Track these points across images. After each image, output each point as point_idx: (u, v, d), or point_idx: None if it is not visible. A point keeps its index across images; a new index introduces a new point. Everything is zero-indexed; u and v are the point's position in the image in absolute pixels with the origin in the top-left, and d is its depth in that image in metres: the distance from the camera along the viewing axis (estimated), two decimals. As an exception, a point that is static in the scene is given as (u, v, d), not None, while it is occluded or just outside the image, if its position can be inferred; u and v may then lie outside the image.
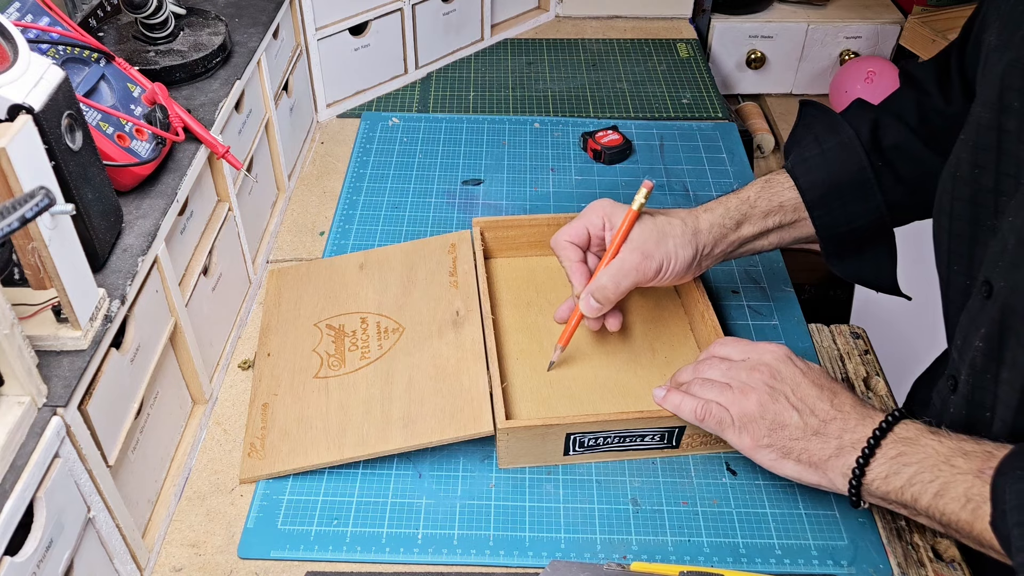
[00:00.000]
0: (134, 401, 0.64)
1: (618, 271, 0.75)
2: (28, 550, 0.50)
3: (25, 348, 0.50)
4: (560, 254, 0.79)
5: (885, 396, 0.79)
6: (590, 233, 0.78)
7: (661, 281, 0.77)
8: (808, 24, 1.49)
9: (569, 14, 1.42)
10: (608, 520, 0.70)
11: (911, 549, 0.67)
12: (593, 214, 0.78)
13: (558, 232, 0.79)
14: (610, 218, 0.77)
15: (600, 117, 1.17)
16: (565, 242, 0.78)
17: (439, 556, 0.67)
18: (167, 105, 0.72)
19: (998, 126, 0.61)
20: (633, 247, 0.75)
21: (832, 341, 0.85)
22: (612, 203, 0.78)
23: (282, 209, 1.01)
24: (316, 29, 1.07)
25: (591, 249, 0.80)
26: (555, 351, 0.79)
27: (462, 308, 0.82)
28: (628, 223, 0.75)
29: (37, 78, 0.55)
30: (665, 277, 0.76)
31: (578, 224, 0.78)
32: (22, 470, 0.49)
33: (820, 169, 0.78)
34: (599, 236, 0.78)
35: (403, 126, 1.14)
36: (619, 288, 0.75)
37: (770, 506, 0.71)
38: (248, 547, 0.67)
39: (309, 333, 0.83)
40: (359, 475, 0.73)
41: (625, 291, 0.75)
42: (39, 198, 0.42)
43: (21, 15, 0.66)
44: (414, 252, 0.90)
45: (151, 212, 0.67)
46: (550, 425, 0.70)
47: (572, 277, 0.78)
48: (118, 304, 0.60)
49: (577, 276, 0.77)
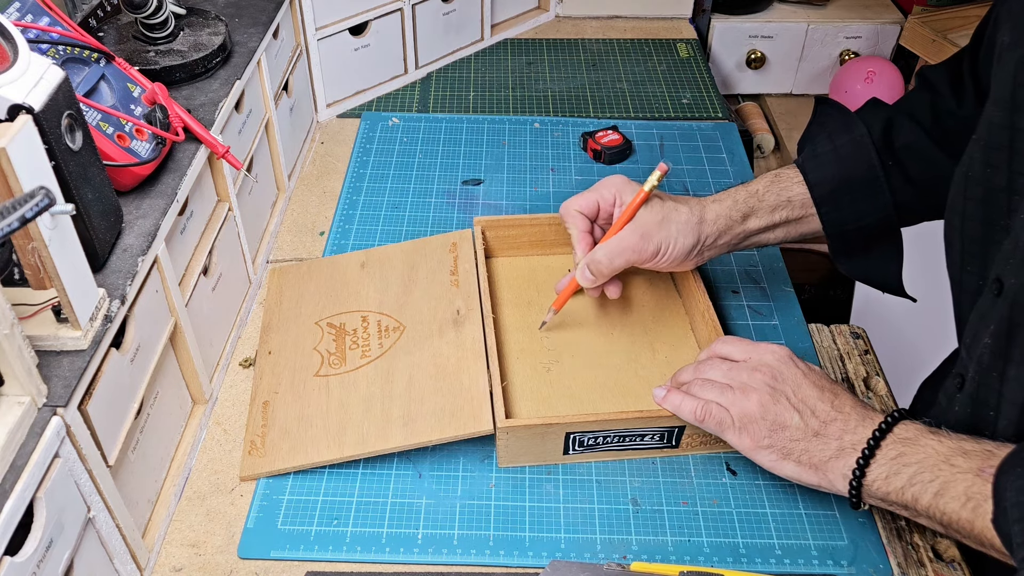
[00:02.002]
0: (134, 401, 0.64)
1: (615, 248, 0.76)
2: (28, 550, 0.50)
3: (25, 348, 0.50)
4: (568, 221, 0.81)
5: (885, 396, 0.79)
6: (600, 206, 0.80)
7: (657, 265, 0.78)
8: (808, 24, 1.49)
9: (569, 14, 1.42)
10: (608, 520, 0.70)
11: (911, 549, 0.67)
12: (606, 188, 0.79)
13: (569, 200, 0.81)
14: (621, 195, 0.78)
15: (600, 117, 1.17)
16: (575, 211, 0.80)
17: (439, 556, 0.67)
18: (167, 105, 0.72)
19: (1011, 124, 0.61)
20: (635, 227, 0.76)
21: (832, 341, 0.85)
22: (626, 180, 0.79)
23: (282, 209, 1.01)
24: (316, 29, 1.07)
25: (598, 221, 0.81)
26: (548, 313, 0.82)
27: (463, 307, 0.82)
28: (637, 203, 0.77)
29: (37, 78, 0.55)
30: (662, 261, 0.77)
31: (590, 196, 0.80)
32: (22, 470, 0.49)
33: (830, 165, 0.79)
34: (608, 211, 0.80)
35: (403, 126, 1.14)
36: (612, 264, 0.76)
37: (770, 506, 0.71)
38: (248, 547, 0.67)
39: (310, 331, 0.83)
40: (359, 475, 0.73)
41: (619, 268, 0.77)
42: (39, 198, 0.43)
43: (21, 15, 0.66)
44: (415, 251, 0.90)
45: (151, 212, 0.67)
46: (550, 424, 0.70)
47: (576, 245, 0.79)
48: (118, 304, 0.60)
49: (581, 245, 0.79)
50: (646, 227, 0.76)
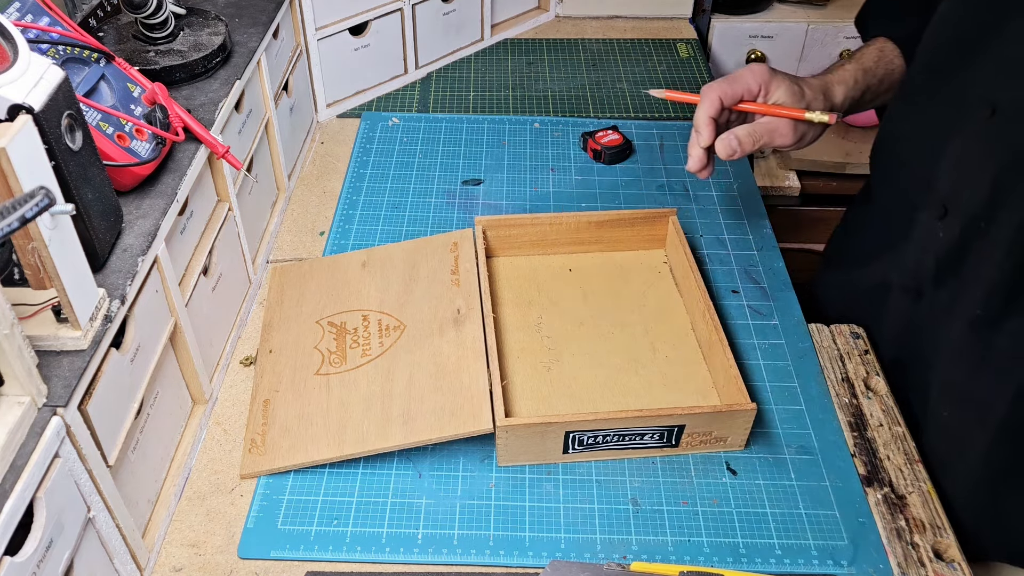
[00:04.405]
0: (134, 401, 0.64)
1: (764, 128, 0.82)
2: (28, 550, 0.50)
3: (25, 348, 0.50)
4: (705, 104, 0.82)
5: (885, 396, 0.79)
6: (743, 98, 0.83)
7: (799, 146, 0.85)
8: (808, 24, 1.49)
9: (569, 14, 1.42)
10: (608, 520, 0.70)
11: (911, 549, 0.67)
12: (752, 79, 0.82)
13: (714, 86, 0.82)
14: (767, 86, 0.82)
15: (600, 117, 1.17)
16: (717, 97, 0.82)
17: (439, 556, 0.67)
18: (167, 105, 0.72)
19: None
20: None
21: (832, 341, 0.85)
22: (771, 72, 0.82)
23: (282, 209, 1.01)
24: (316, 29, 1.07)
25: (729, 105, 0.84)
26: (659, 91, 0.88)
27: (463, 306, 0.82)
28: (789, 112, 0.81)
29: (37, 78, 0.55)
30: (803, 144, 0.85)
31: (736, 86, 0.82)
32: (22, 470, 0.49)
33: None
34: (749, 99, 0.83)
35: (403, 126, 1.14)
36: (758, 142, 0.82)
37: (770, 506, 0.71)
38: (248, 547, 0.67)
39: (311, 330, 0.83)
40: (359, 475, 0.73)
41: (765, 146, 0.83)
42: (39, 198, 0.43)
43: (21, 15, 0.66)
44: (416, 250, 0.90)
45: (151, 212, 0.67)
46: (549, 423, 0.70)
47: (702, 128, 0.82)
48: (118, 304, 0.60)
49: (707, 132, 0.82)
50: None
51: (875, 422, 0.77)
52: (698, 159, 0.83)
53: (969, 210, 0.72)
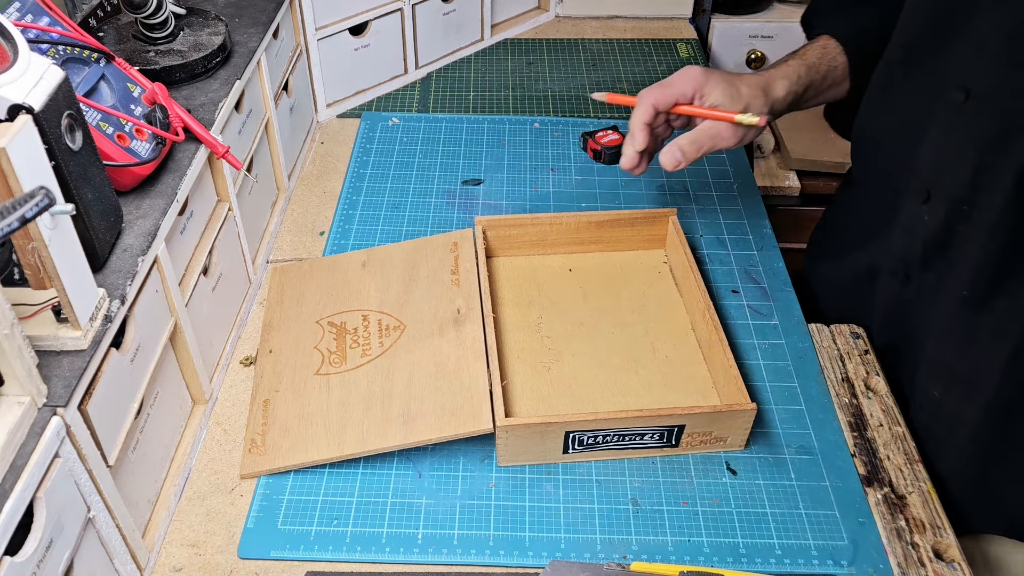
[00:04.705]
0: (134, 401, 0.64)
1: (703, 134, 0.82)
2: (28, 550, 0.50)
3: (25, 348, 0.50)
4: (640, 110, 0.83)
5: (885, 395, 0.79)
6: (678, 103, 0.83)
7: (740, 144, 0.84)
8: (808, 24, 1.48)
9: (569, 14, 1.42)
10: (608, 520, 0.70)
11: (911, 549, 0.67)
12: (686, 84, 0.82)
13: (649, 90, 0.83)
14: (702, 90, 0.82)
15: (600, 117, 1.17)
16: (651, 104, 0.82)
17: (439, 556, 0.67)
18: (167, 105, 0.72)
19: None
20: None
21: (832, 341, 0.85)
22: (705, 74, 0.83)
23: (282, 209, 1.01)
24: (316, 29, 1.07)
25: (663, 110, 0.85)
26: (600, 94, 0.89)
27: (463, 306, 0.82)
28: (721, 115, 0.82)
29: (37, 78, 0.55)
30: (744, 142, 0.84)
31: (669, 92, 0.82)
32: (22, 470, 0.49)
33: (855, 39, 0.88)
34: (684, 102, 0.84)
35: (403, 126, 1.14)
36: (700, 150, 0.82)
37: (770, 506, 0.71)
38: (248, 547, 0.67)
39: (311, 330, 0.83)
40: (359, 475, 0.73)
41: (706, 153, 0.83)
42: (39, 198, 0.43)
43: (21, 15, 0.66)
44: (416, 250, 0.90)
45: (151, 212, 0.67)
46: (549, 423, 0.70)
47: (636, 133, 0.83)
48: (118, 304, 0.60)
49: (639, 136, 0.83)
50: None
51: (875, 422, 0.77)
52: (630, 158, 0.85)
53: (952, 193, 0.73)
